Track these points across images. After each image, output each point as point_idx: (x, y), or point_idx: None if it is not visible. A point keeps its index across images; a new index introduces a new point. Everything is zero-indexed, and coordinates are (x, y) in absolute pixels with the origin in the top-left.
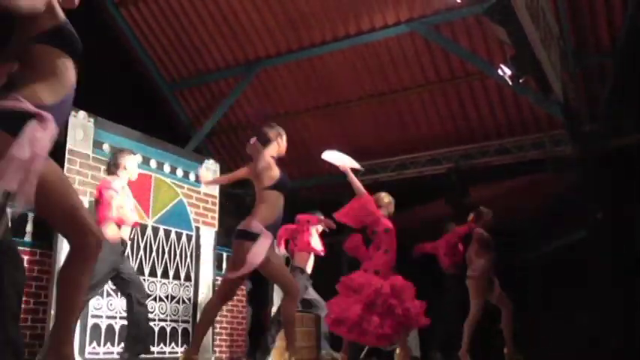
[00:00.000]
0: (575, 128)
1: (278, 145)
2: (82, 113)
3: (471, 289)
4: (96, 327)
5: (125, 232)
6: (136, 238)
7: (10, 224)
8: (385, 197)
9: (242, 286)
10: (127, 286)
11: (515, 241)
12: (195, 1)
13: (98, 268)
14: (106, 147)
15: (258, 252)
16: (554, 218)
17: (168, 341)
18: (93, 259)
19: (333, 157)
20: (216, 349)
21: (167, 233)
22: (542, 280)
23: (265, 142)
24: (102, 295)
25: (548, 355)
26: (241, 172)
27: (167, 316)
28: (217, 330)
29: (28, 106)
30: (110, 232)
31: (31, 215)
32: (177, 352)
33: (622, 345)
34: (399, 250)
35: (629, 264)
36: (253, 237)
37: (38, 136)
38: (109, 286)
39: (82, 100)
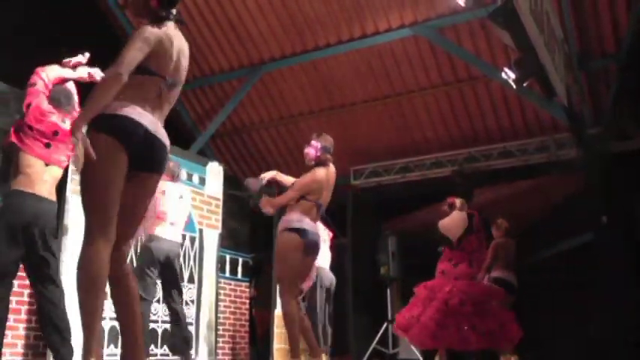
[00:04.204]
0: (579, 131)
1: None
2: None
3: None
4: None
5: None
6: (140, 240)
7: None
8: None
9: (245, 289)
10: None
11: (519, 245)
12: (200, 3)
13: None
14: None
15: None
16: (558, 222)
17: None
18: None
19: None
20: (219, 352)
21: None
22: (547, 284)
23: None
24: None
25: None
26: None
27: None
28: (220, 332)
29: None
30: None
31: None
32: None
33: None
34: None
35: (634, 268)
36: None
37: None
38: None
39: None
